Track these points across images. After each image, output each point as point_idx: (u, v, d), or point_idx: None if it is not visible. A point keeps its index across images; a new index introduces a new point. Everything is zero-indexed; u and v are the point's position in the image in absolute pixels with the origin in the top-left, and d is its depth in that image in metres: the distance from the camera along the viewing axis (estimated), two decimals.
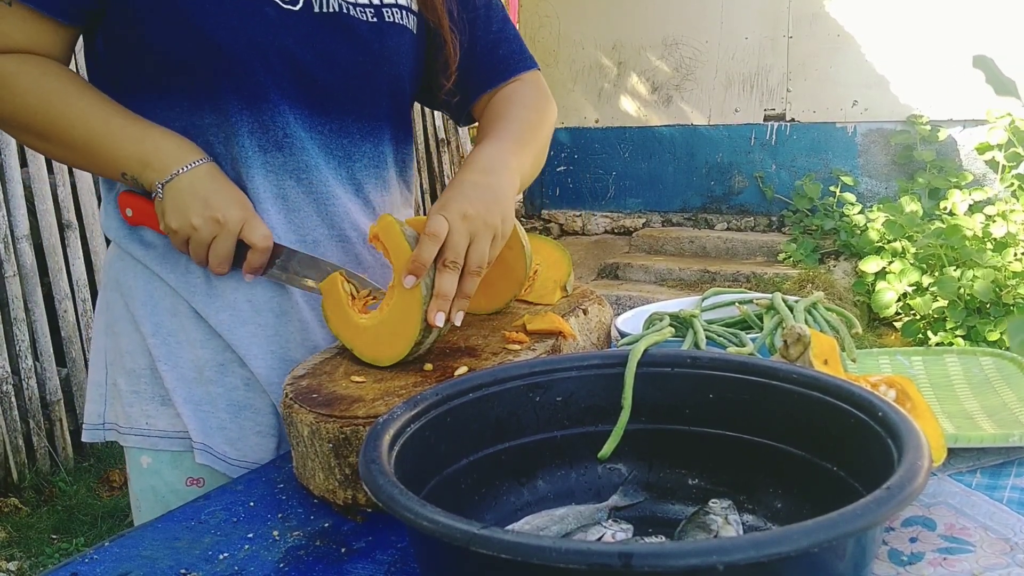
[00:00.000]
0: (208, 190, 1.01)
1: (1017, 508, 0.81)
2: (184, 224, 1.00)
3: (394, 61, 1.12)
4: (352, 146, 1.12)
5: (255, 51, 1.02)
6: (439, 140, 5.50)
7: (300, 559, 0.79)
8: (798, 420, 0.73)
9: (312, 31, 1.05)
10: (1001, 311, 4.29)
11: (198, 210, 1.00)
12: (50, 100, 1.01)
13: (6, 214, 3.36)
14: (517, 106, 1.17)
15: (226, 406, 1.10)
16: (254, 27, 1.02)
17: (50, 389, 3.51)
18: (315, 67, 1.06)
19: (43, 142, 1.06)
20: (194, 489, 1.10)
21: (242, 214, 1.02)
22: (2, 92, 1.02)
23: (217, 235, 1.01)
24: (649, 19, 5.88)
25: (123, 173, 1.03)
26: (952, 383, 1.12)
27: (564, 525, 0.75)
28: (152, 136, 1.02)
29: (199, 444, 1.09)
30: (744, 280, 5.00)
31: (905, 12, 5.15)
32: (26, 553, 2.95)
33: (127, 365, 1.12)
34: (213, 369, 1.09)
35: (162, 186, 1.01)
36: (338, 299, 1.02)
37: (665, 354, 0.82)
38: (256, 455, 1.10)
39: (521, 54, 1.23)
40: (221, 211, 1.00)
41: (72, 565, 0.79)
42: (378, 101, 1.13)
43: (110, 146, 1.02)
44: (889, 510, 0.53)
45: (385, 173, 1.18)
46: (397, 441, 0.67)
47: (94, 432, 1.15)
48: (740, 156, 5.80)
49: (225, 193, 1.02)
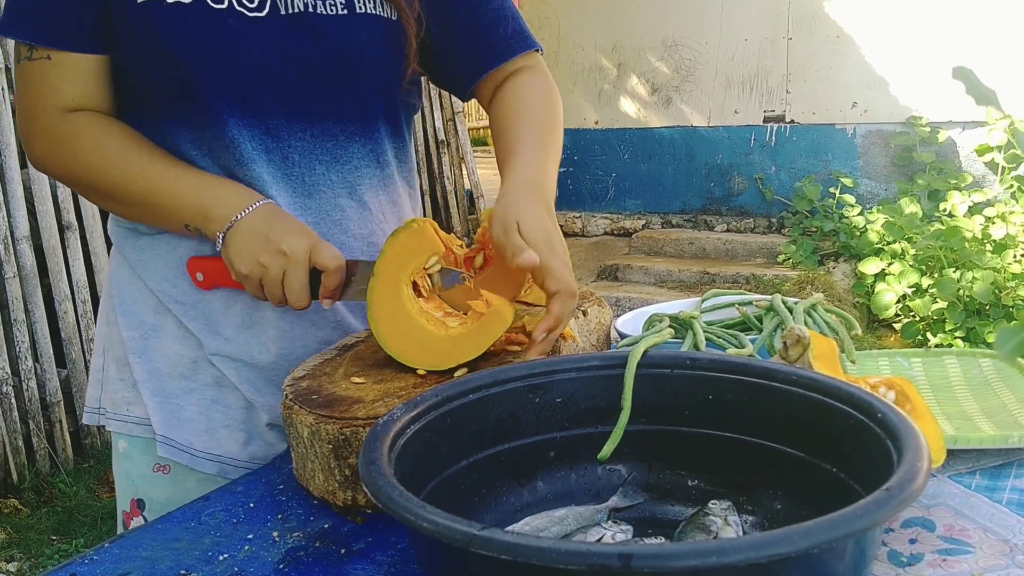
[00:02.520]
0: (268, 228, 1.00)
1: (1016, 509, 0.81)
2: (252, 266, 0.99)
3: (367, 55, 1.09)
4: (339, 148, 1.10)
5: (219, 67, 1.01)
6: (439, 141, 5.49)
7: (300, 560, 0.79)
8: (798, 421, 0.73)
9: (279, 37, 1.04)
10: (1000, 313, 4.29)
11: (263, 248, 0.99)
12: (110, 158, 1.03)
13: (6, 215, 3.36)
14: (534, 105, 1.16)
15: (198, 400, 1.12)
16: (217, 42, 1.01)
17: (50, 390, 3.51)
18: (285, 73, 1.05)
19: (108, 201, 1.07)
20: (159, 476, 1.13)
21: (307, 241, 1.00)
22: (65, 153, 1.04)
23: (287, 268, 0.99)
24: (649, 20, 5.88)
25: (186, 225, 1.04)
26: (951, 385, 1.12)
27: (564, 526, 0.75)
28: (208, 185, 1.03)
29: (161, 437, 1.11)
30: (744, 282, 5.00)
31: (905, 13, 5.15)
32: (26, 554, 2.95)
33: (116, 353, 1.15)
34: (187, 365, 1.11)
35: (222, 235, 1.01)
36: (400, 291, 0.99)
37: (665, 355, 0.82)
38: (223, 448, 1.12)
39: (523, 33, 1.20)
40: (286, 243, 0.99)
41: (72, 566, 0.79)
42: (360, 99, 1.11)
43: (169, 200, 1.03)
44: (888, 511, 0.53)
45: (384, 171, 1.16)
46: (397, 442, 0.67)
47: (92, 415, 1.19)
48: (740, 157, 5.80)
49: (286, 226, 1.01)
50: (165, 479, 1.12)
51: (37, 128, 1.05)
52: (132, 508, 1.14)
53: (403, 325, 0.97)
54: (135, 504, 1.14)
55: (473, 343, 0.94)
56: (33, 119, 1.05)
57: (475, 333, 0.95)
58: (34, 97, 1.04)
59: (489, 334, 0.94)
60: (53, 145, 1.05)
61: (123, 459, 1.15)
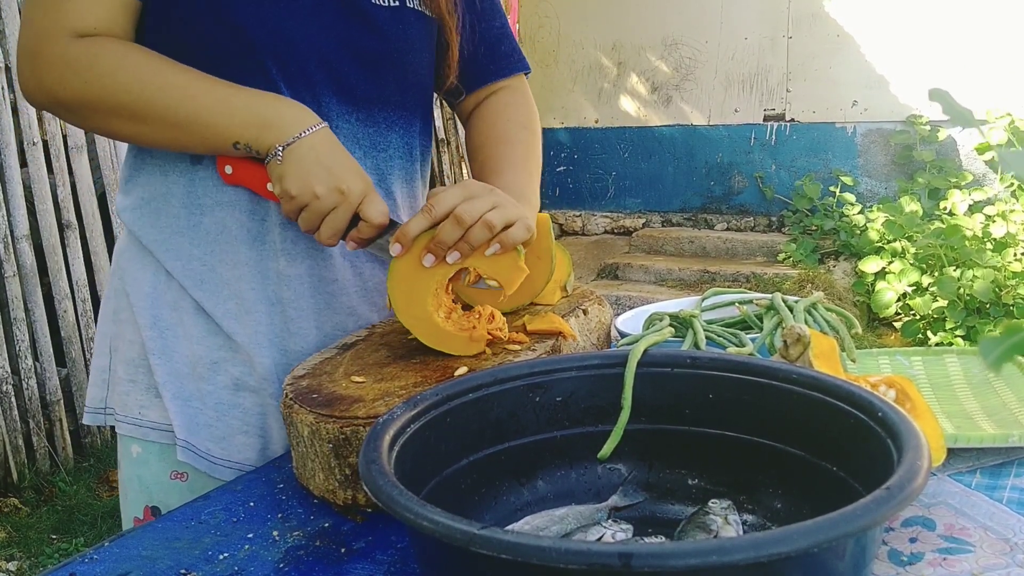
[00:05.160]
0: (331, 159, 0.98)
1: (1017, 508, 0.81)
2: (306, 191, 0.97)
3: (416, 49, 1.12)
4: (379, 136, 1.12)
5: (281, 39, 1.02)
6: (439, 140, 5.49)
7: (300, 559, 0.79)
8: (798, 420, 0.73)
9: (335, 20, 1.05)
10: (1001, 311, 4.29)
11: (322, 178, 0.97)
12: (142, 78, 0.96)
13: (6, 214, 3.36)
14: (518, 128, 1.20)
15: (215, 404, 1.10)
16: (283, 18, 1.02)
17: (50, 389, 3.51)
18: (340, 55, 1.06)
19: (136, 124, 0.99)
20: (177, 483, 1.11)
21: (364, 187, 0.99)
22: (86, 75, 0.96)
23: (338, 206, 0.98)
24: (649, 19, 5.88)
25: (236, 143, 0.98)
26: (952, 383, 1.12)
27: (564, 525, 0.75)
28: (266, 100, 0.99)
29: (182, 441, 1.09)
30: (744, 280, 5.00)
31: (905, 12, 5.15)
32: (26, 553, 2.95)
33: (126, 354, 1.12)
34: (206, 366, 1.09)
35: (282, 149, 0.97)
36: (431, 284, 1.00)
37: (665, 354, 0.82)
38: (241, 455, 1.10)
39: (519, 53, 1.26)
40: (346, 182, 0.97)
41: (72, 565, 0.79)
42: (404, 90, 1.13)
43: (220, 116, 0.98)
44: (889, 510, 0.53)
45: (412, 165, 1.18)
46: (397, 441, 0.67)
47: (95, 416, 1.16)
48: (740, 156, 5.80)
49: (347, 164, 0.99)
50: (183, 486, 1.10)
51: (45, 53, 0.97)
52: (146, 515, 1.12)
53: (415, 294, 1.00)
54: (149, 511, 1.12)
55: (457, 346, 0.98)
56: (42, 42, 0.97)
57: (462, 340, 0.98)
58: (46, 19, 0.97)
59: (470, 350, 0.98)
60: (66, 70, 0.97)
61: (137, 464, 1.13)
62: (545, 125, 6.28)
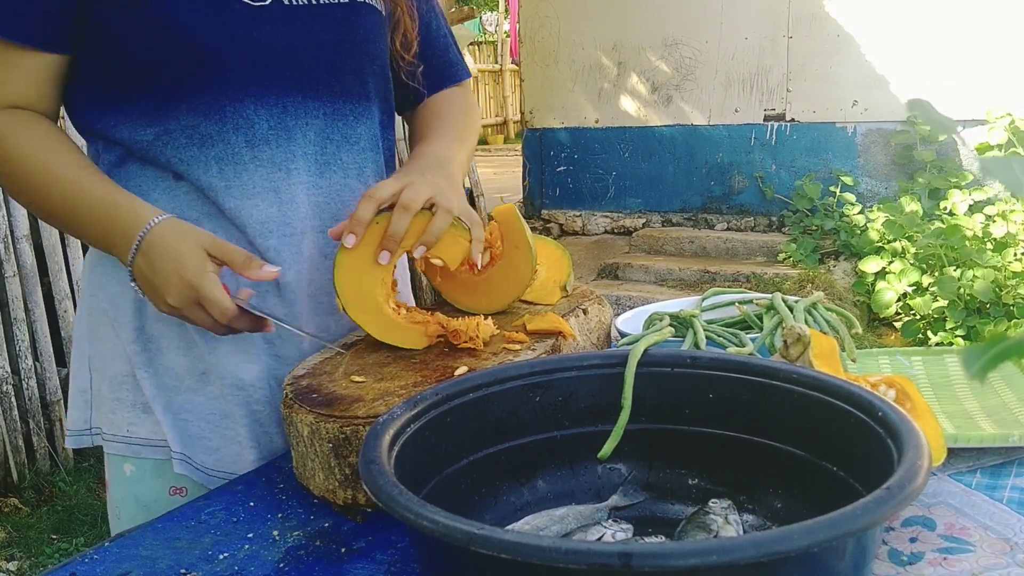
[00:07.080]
0: (151, 270, 0.97)
1: (1017, 508, 0.81)
2: (163, 306, 0.98)
3: (371, 39, 1.13)
4: (348, 128, 1.12)
5: (232, 45, 1.01)
6: None
7: (300, 559, 0.79)
8: (798, 420, 0.73)
9: (288, 19, 1.05)
10: (1001, 311, 4.29)
11: (160, 292, 0.97)
12: (30, 180, 1.01)
13: (6, 214, 3.36)
14: (455, 108, 1.26)
15: (206, 415, 1.08)
16: (228, 21, 1.01)
17: (50, 389, 3.51)
18: (299, 51, 1.06)
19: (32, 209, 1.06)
20: (177, 499, 1.09)
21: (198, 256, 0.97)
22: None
23: (197, 297, 0.96)
24: (649, 19, 5.88)
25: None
26: (952, 383, 1.12)
27: (564, 525, 0.75)
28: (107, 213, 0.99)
29: (177, 454, 1.08)
30: (744, 280, 4.99)
31: (905, 12, 5.14)
32: (26, 553, 2.95)
33: (109, 371, 1.10)
34: (194, 378, 1.08)
35: (131, 269, 0.98)
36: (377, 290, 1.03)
37: (665, 354, 0.82)
38: (235, 466, 1.08)
39: (463, 62, 1.33)
40: (188, 271, 0.95)
41: (72, 565, 0.79)
42: (364, 80, 1.13)
43: (87, 229, 1.02)
44: (889, 510, 0.53)
45: (379, 157, 1.18)
46: (397, 441, 0.67)
47: (79, 438, 1.14)
48: (740, 156, 5.79)
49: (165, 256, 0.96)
50: (183, 502, 1.08)
51: None
52: None
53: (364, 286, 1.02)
54: None
55: (409, 338, 1.02)
56: None
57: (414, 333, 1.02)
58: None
59: (421, 343, 1.02)
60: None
61: (131, 483, 1.11)
62: (545, 125, 6.28)
